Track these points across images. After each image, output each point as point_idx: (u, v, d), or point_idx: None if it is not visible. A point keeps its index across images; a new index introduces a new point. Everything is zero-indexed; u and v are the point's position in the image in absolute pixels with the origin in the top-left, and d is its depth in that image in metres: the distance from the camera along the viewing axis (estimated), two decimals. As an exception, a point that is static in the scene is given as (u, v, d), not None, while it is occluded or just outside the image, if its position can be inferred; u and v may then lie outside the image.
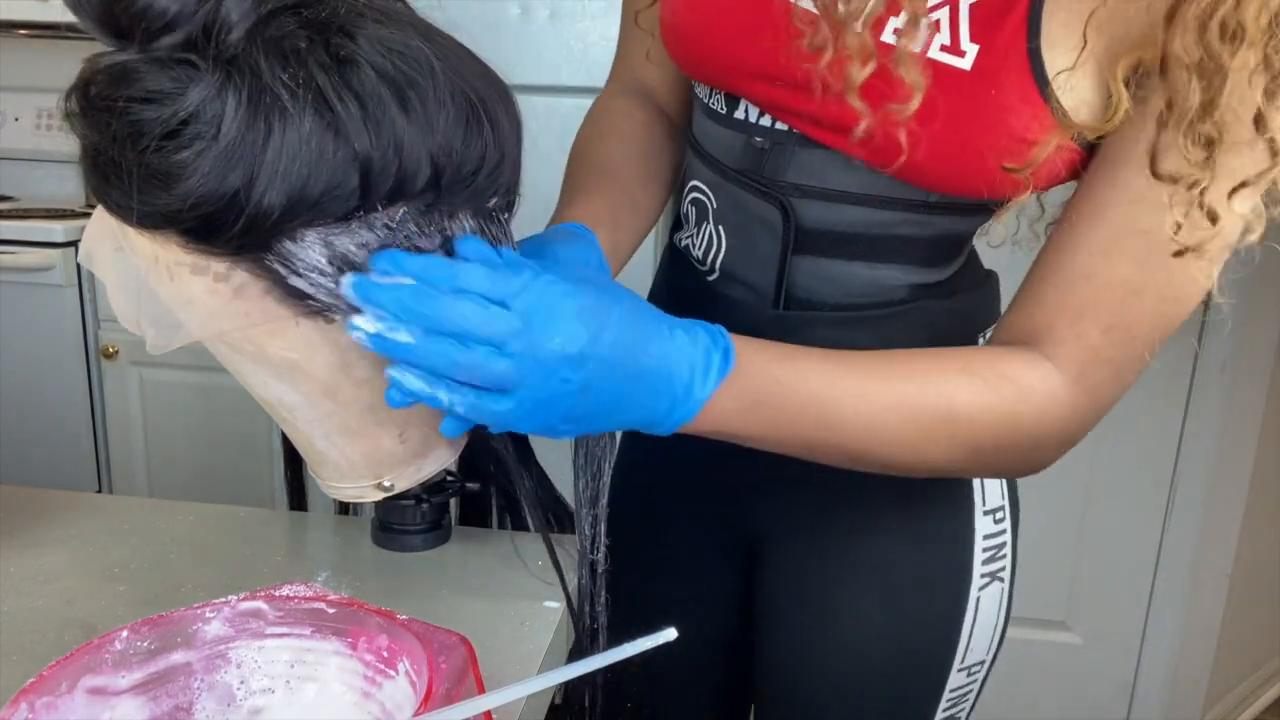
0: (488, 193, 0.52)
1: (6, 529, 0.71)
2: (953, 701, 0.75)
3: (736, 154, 0.66)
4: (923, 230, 0.63)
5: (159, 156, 0.43)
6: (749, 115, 0.65)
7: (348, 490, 0.65)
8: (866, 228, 0.63)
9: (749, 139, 0.65)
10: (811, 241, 0.65)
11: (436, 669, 0.43)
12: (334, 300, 0.49)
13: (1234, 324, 1.73)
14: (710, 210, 0.70)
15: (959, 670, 0.73)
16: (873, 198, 0.62)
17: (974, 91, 0.54)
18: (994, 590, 0.73)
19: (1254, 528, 1.87)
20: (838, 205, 0.63)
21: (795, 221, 0.64)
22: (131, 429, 2.06)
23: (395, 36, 0.47)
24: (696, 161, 0.72)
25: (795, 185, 0.63)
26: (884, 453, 0.55)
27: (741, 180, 0.66)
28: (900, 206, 0.62)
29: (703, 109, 0.70)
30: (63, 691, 0.42)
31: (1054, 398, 0.56)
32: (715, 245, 0.70)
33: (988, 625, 0.73)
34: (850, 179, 0.62)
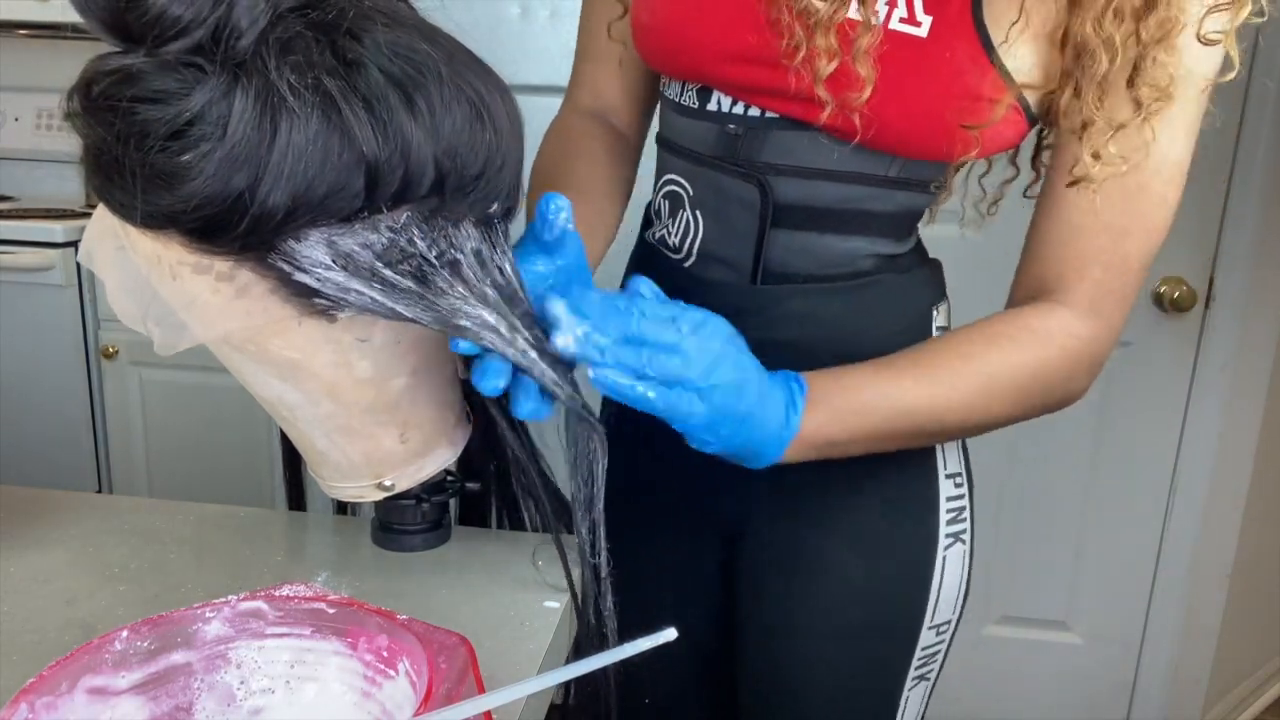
0: (490, 197, 0.52)
1: (6, 529, 0.71)
2: (923, 660, 0.79)
3: (711, 142, 0.72)
4: (885, 205, 0.71)
5: (163, 157, 0.43)
6: (721, 105, 0.71)
7: (348, 490, 0.65)
8: (837, 202, 0.70)
9: (722, 127, 0.71)
10: (787, 216, 0.71)
11: (436, 669, 0.43)
12: (338, 297, 0.49)
13: (1234, 324, 1.73)
14: (687, 198, 0.76)
15: (929, 629, 0.78)
16: (842, 173, 0.69)
17: (931, 55, 0.62)
18: (957, 551, 0.78)
19: (1254, 528, 1.87)
20: (811, 181, 0.70)
21: (773, 198, 0.70)
22: (131, 429, 2.06)
23: (401, 39, 0.47)
24: (669, 157, 0.77)
25: (770, 165, 0.70)
26: (953, 425, 0.66)
27: (718, 165, 0.72)
28: (867, 181, 0.69)
29: (673, 108, 0.76)
30: (63, 691, 0.42)
31: (1073, 334, 0.66)
32: (693, 230, 0.76)
33: (953, 584, 0.78)
34: (821, 156, 0.68)
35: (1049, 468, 1.84)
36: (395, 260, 0.50)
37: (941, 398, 0.64)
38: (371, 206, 0.47)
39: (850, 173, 0.69)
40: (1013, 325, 0.66)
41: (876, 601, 0.77)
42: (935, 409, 0.64)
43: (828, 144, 0.67)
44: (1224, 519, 1.83)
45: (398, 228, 0.49)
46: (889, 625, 0.78)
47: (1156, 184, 0.64)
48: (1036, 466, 1.83)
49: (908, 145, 0.66)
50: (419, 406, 0.61)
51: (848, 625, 0.77)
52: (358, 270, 0.49)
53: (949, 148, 0.65)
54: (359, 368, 0.55)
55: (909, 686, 0.79)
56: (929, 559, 0.77)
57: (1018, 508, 1.86)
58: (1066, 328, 0.66)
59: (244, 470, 2.04)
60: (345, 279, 0.49)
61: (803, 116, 0.67)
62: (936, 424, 0.65)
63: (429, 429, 0.63)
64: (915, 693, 0.80)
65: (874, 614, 0.77)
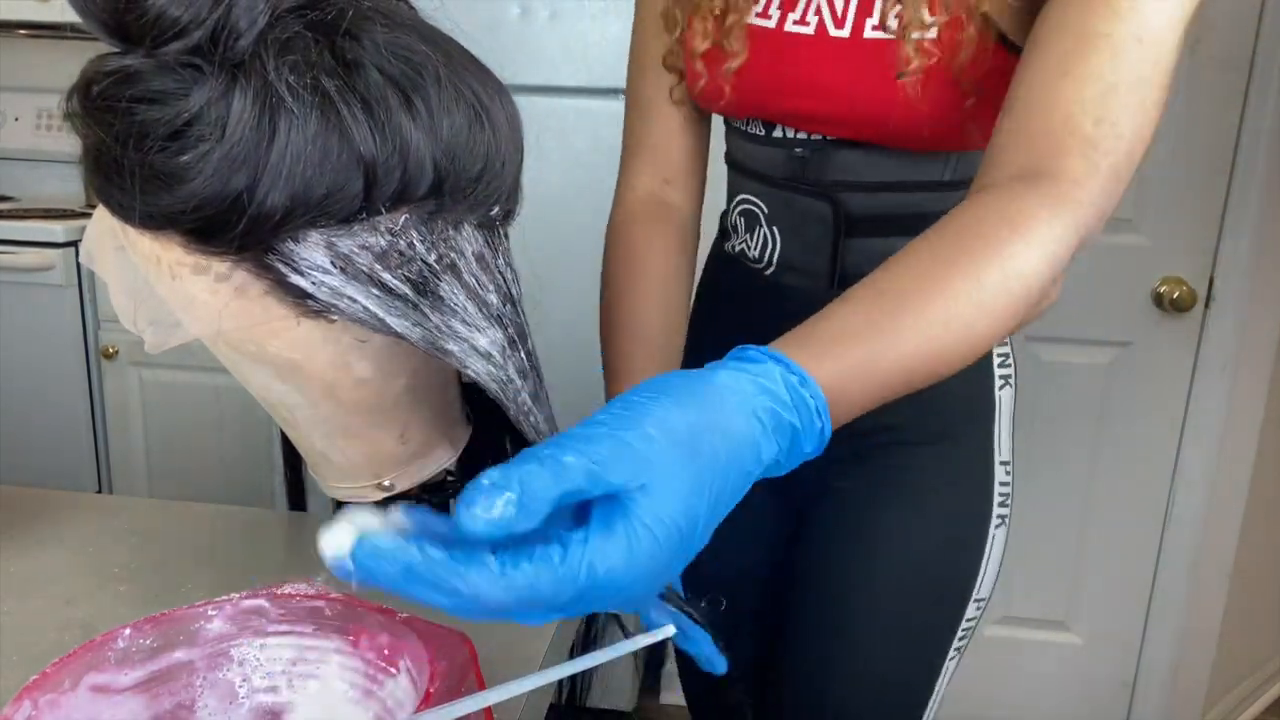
0: (490, 200, 0.52)
1: (6, 529, 0.71)
2: (964, 634, 0.84)
3: (780, 165, 0.79)
4: (944, 205, 0.67)
5: (162, 157, 0.43)
6: (786, 134, 0.78)
7: (348, 490, 0.65)
8: (900, 208, 0.76)
9: (790, 152, 0.78)
10: (858, 226, 0.77)
11: (437, 667, 0.43)
12: (331, 302, 0.49)
13: (1234, 324, 1.73)
14: (762, 215, 0.82)
15: (974, 601, 0.83)
16: (902, 183, 0.76)
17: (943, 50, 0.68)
18: (1002, 533, 0.84)
19: (1254, 528, 1.87)
20: (874, 194, 0.76)
21: (844, 211, 0.77)
22: (131, 429, 2.06)
23: (400, 40, 0.47)
24: (741, 179, 0.84)
25: (838, 182, 0.77)
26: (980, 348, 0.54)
27: (791, 185, 0.79)
28: (925, 188, 0.76)
29: (741, 136, 0.83)
30: (66, 689, 0.42)
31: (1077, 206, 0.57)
32: (771, 244, 0.82)
33: (995, 562, 0.84)
34: (880, 170, 0.75)
35: (1049, 467, 1.84)
36: (394, 264, 0.50)
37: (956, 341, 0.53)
38: (370, 208, 0.47)
39: (910, 181, 0.75)
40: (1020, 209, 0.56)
41: (934, 569, 0.82)
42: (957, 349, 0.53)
43: (884, 158, 0.74)
44: (1224, 519, 1.83)
45: (396, 229, 0.49)
46: (941, 591, 0.82)
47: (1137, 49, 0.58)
48: (1036, 465, 1.83)
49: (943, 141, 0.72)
50: (419, 406, 0.61)
51: (903, 586, 0.81)
52: (355, 274, 0.49)
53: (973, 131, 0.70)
54: (358, 368, 0.56)
55: (949, 657, 0.84)
56: (983, 534, 0.82)
57: (1018, 507, 1.86)
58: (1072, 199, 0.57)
59: (244, 470, 2.04)
60: (341, 283, 0.49)
61: (856, 137, 0.74)
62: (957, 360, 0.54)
63: (429, 429, 0.63)
64: (951, 664, 0.85)
65: (929, 578, 0.82)
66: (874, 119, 0.71)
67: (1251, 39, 1.61)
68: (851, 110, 0.72)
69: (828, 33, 0.72)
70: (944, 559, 0.82)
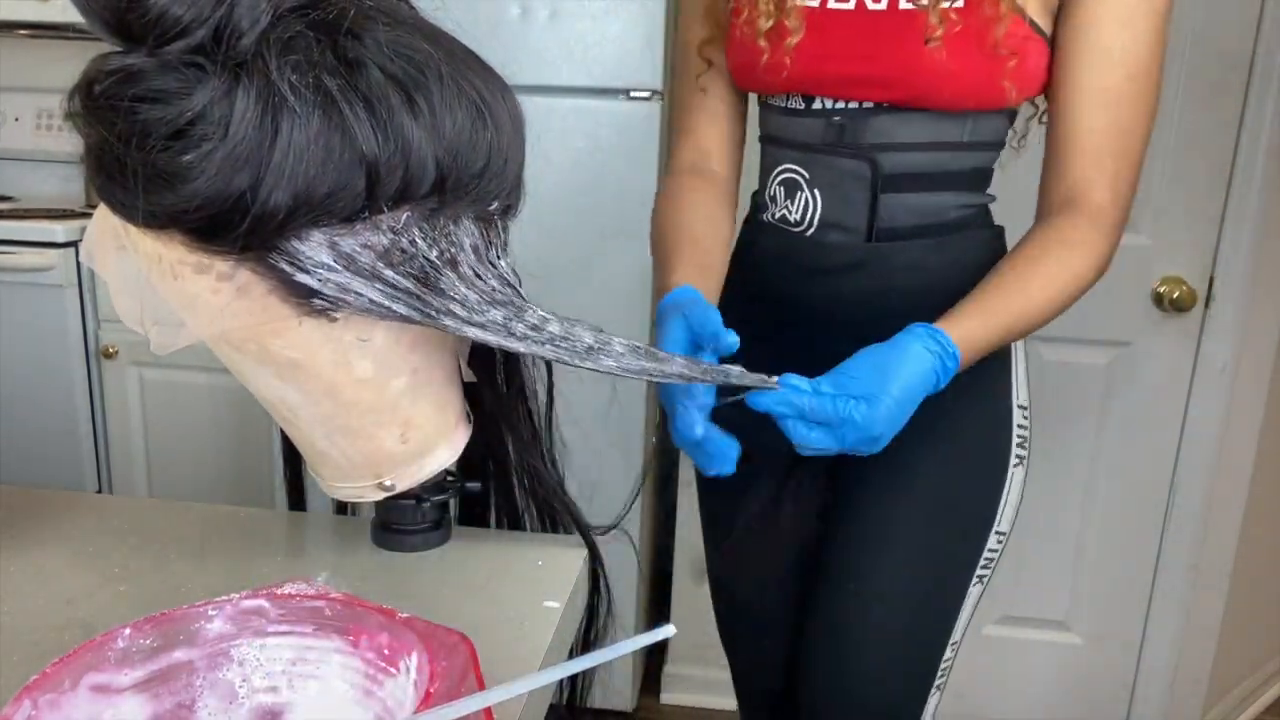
0: (491, 196, 0.52)
1: (6, 529, 0.71)
2: (985, 563, 0.94)
3: (820, 133, 0.90)
4: (963, 164, 0.90)
5: (165, 156, 0.43)
6: (824, 104, 0.89)
7: (348, 490, 0.65)
8: (928, 166, 0.89)
9: (829, 120, 0.89)
10: (891, 182, 0.89)
11: (437, 667, 0.43)
12: (338, 298, 0.49)
13: (1234, 324, 1.73)
14: (804, 180, 0.93)
15: (995, 533, 0.94)
16: (928, 143, 0.88)
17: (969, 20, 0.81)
18: (1020, 471, 0.95)
19: (1254, 528, 1.87)
20: (906, 153, 0.88)
21: (879, 169, 0.88)
22: (131, 429, 2.06)
23: (402, 39, 0.47)
24: (780, 150, 0.95)
25: (874, 144, 0.88)
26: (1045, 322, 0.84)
27: (831, 150, 0.90)
28: (946, 148, 0.88)
29: (779, 112, 0.93)
30: (65, 689, 0.42)
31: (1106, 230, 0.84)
32: (812, 206, 0.92)
33: (1015, 499, 0.95)
34: (910, 132, 0.87)
35: (1049, 467, 1.84)
36: (396, 261, 0.50)
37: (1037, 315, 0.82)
38: (372, 206, 0.47)
39: (935, 141, 0.88)
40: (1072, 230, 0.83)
41: (958, 495, 0.93)
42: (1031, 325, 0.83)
43: (913, 121, 0.86)
44: (1224, 519, 1.83)
45: (399, 227, 0.49)
46: (966, 519, 0.93)
47: (1133, 87, 0.83)
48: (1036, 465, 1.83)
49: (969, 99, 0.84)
50: (419, 406, 0.61)
51: (931, 512, 0.92)
52: (359, 270, 0.49)
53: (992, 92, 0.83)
54: (359, 367, 0.56)
55: (972, 584, 0.94)
56: (1002, 471, 0.93)
57: (1017, 508, 1.86)
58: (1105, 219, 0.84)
59: (244, 470, 2.04)
60: (346, 279, 0.49)
61: (893, 100, 0.85)
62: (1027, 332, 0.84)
63: (429, 429, 0.63)
64: (974, 591, 0.95)
65: (954, 505, 0.93)
66: (908, 80, 0.83)
67: (1251, 39, 1.61)
68: (888, 72, 0.83)
69: (866, 6, 0.84)
70: (967, 487, 0.93)
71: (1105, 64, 0.82)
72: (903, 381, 0.73)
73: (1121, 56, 0.81)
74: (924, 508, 0.92)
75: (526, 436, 0.71)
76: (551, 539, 0.74)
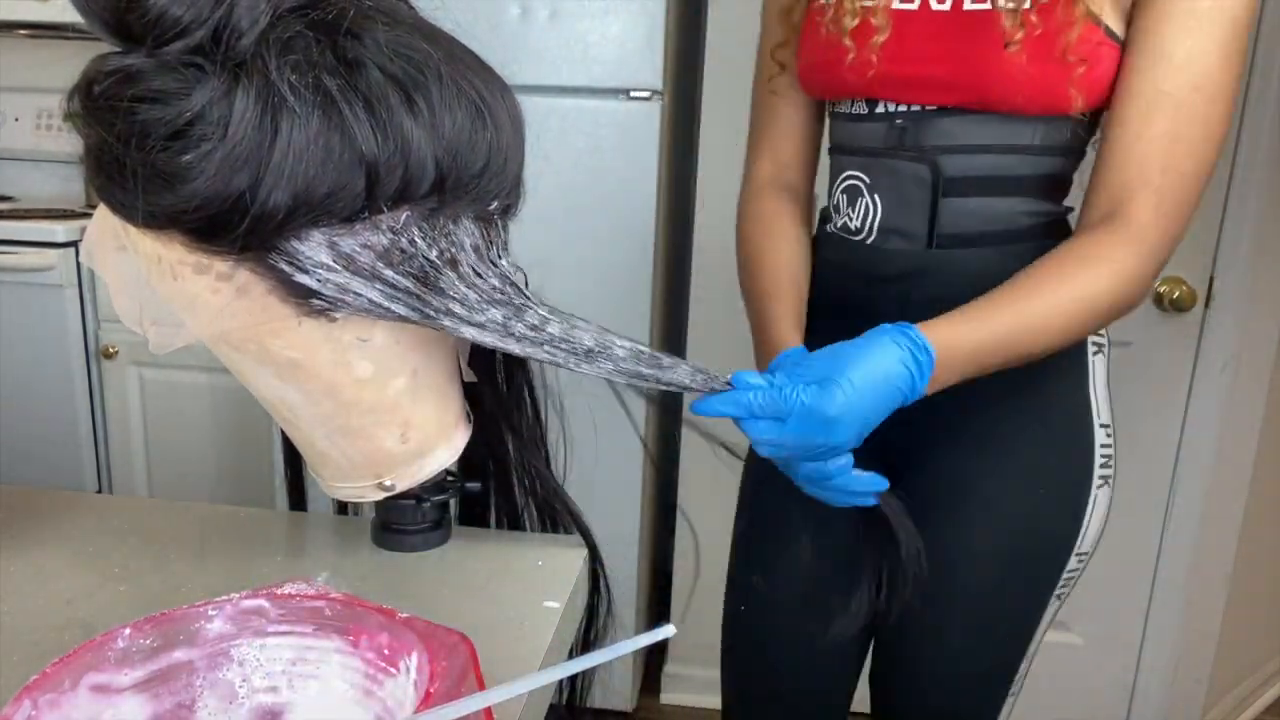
0: (491, 196, 0.52)
1: (6, 529, 0.71)
2: (1065, 582, 0.92)
3: (882, 137, 0.88)
4: (1034, 169, 0.85)
5: (165, 157, 0.43)
6: (887, 108, 0.87)
7: (348, 490, 0.65)
8: (993, 170, 0.85)
9: (891, 123, 0.87)
10: (954, 186, 0.86)
11: (437, 667, 0.43)
12: (337, 298, 0.49)
13: (1234, 324, 1.73)
14: (864, 186, 0.91)
15: (1076, 555, 0.91)
16: (994, 146, 0.84)
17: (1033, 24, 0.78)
18: (1105, 492, 0.92)
19: (1254, 528, 1.87)
20: (970, 155, 0.85)
21: (941, 172, 0.85)
22: (131, 429, 2.06)
23: (402, 39, 0.47)
24: (844, 158, 0.93)
25: (935, 146, 0.85)
26: (1047, 349, 0.78)
27: (892, 153, 0.88)
28: (1013, 151, 0.84)
29: (845, 119, 0.92)
30: (65, 689, 0.42)
31: (1139, 248, 0.77)
32: (872, 212, 0.90)
33: (1099, 520, 0.92)
34: (975, 133, 0.84)
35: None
36: (396, 261, 0.50)
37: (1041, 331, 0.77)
38: (372, 206, 0.47)
39: (1001, 145, 0.84)
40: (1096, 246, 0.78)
41: (1034, 529, 0.90)
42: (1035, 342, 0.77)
43: (977, 124, 0.83)
44: (1224, 519, 1.83)
45: (398, 227, 0.49)
46: (1042, 551, 0.90)
47: (1195, 97, 0.75)
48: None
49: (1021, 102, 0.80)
50: (419, 406, 0.61)
51: (1006, 548, 0.89)
52: (358, 270, 0.49)
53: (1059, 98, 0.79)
54: (359, 367, 0.56)
55: (1051, 602, 0.92)
56: (1084, 497, 0.90)
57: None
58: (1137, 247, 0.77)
59: (244, 470, 2.04)
60: (346, 279, 0.49)
61: (960, 103, 0.82)
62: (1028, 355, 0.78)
63: (429, 429, 0.63)
64: (1052, 607, 0.93)
65: (1031, 540, 0.90)
66: (980, 84, 0.80)
67: (1251, 39, 1.61)
68: (959, 75, 0.81)
69: (930, 7, 0.82)
70: (1043, 519, 0.89)
71: (1164, 68, 0.75)
72: (863, 369, 0.69)
73: (1185, 62, 0.75)
74: (999, 534, 0.89)
75: (527, 436, 0.71)
76: (551, 539, 0.74)
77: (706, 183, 1.80)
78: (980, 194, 0.86)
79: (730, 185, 1.06)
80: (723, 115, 1.76)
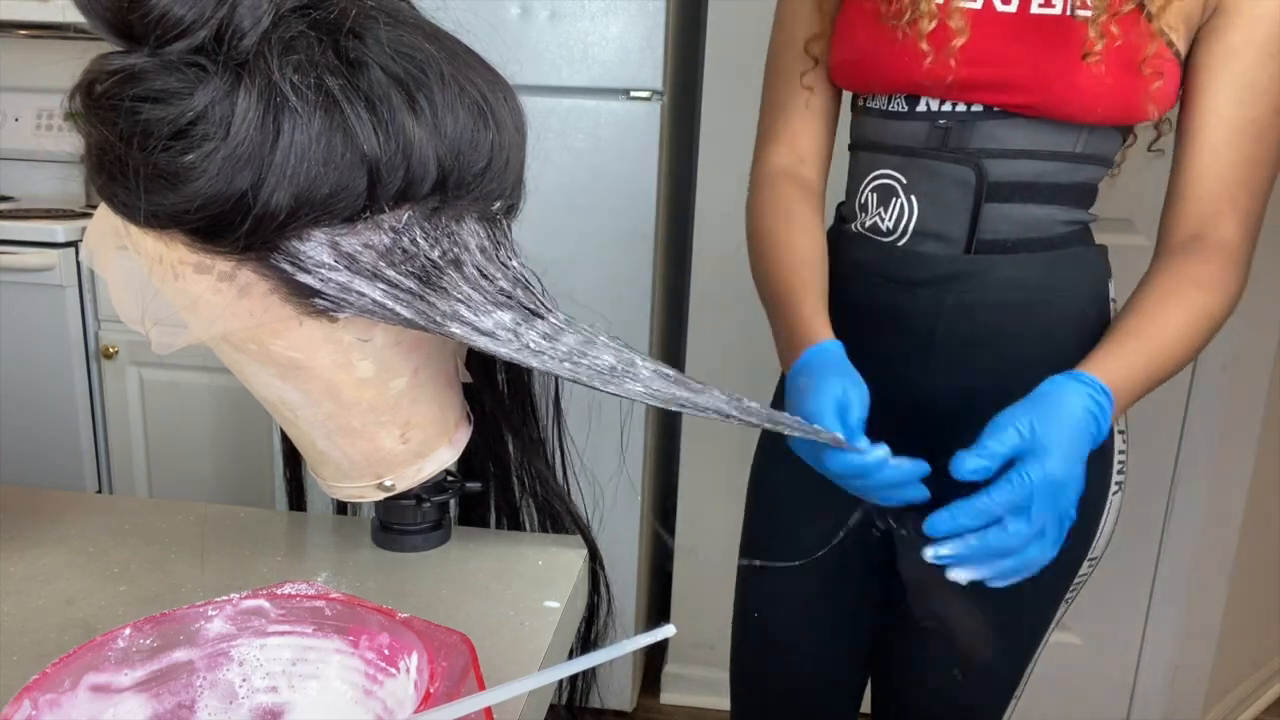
0: (493, 195, 0.52)
1: (6, 529, 0.71)
2: (1075, 586, 0.94)
3: (923, 137, 0.86)
4: (1073, 177, 0.85)
5: (167, 156, 0.43)
6: (930, 106, 0.85)
7: (348, 490, 0.65)
8: (1035, 176, 0.84)
9: (933, 124, 0.85)
10: (997, 191, 0.85)
11: (437, 667, 0.43)
12: (340, 297, 0.49)
13: (1234, 324, 1.73)
14: (900, 187, 0.89)
15: (1088, 560, 0.93)
16: (1039, 152, 0.83)
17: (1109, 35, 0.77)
18: (1118, 498, 0.93)
19: (1254, 528, 1.87)
20: (1014, 160, 0.84)
21: (985, 176, 0.84)
22: (131, 429, 2.06)
23: (404, 39, 0.47)
24: (876, 156, 0.90)
25: (981, 150, 0.84)
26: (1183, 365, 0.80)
27: (934, 155, 0.86)
28: (1058, 158, 0.84)
29: (881, 115, 0.89)
30: (66, 689, 0.42)
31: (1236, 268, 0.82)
32: (908, 213, 0.89)
33: (1110, 526, 0.93)
34: (1022, 138, 0.83)
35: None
36: (398, 260, 0.50)
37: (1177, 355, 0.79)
38: (374, 206, 0.47)
39: (1045, 151, 0.83)
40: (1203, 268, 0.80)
41: None
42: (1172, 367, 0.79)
43: (1025, 128, 0.82)
44: (1224, 519, 1.83)
45: (400, 227, 0.49)
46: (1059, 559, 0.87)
47: (1276, 120, 0.79)
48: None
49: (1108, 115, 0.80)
50: (420, 406, 0.61)
51: None
52: (360, 270, 0.49)
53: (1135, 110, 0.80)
54: (360, 367, 0.56)
55: (1060, 606, 0.95)
56: (1101, 504, 0.91)
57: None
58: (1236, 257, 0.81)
59: (244, 470, 2.04)
60: (347, 279, 0.49)
61: (1008, 104, 0.81)
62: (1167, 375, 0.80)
63: (430, 429, 0.63)
64: (1060, 610, 0.95)
65: None
66: (1053, 91, 0.79)
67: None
68: (1033, 80, 0.80)
69: (995, 8, 0.80)
70: None
71: (1250, 95, 0.78)
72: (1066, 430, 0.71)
73: (1269, 86, 0.78)
74: None
75: (527, 436, 0.71)
76: (551, 539, 0.74)
77: (706, 183, 1.80)
78: (1022, 200, 0.85)
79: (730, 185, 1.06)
80: (723, 115, 1.76)
